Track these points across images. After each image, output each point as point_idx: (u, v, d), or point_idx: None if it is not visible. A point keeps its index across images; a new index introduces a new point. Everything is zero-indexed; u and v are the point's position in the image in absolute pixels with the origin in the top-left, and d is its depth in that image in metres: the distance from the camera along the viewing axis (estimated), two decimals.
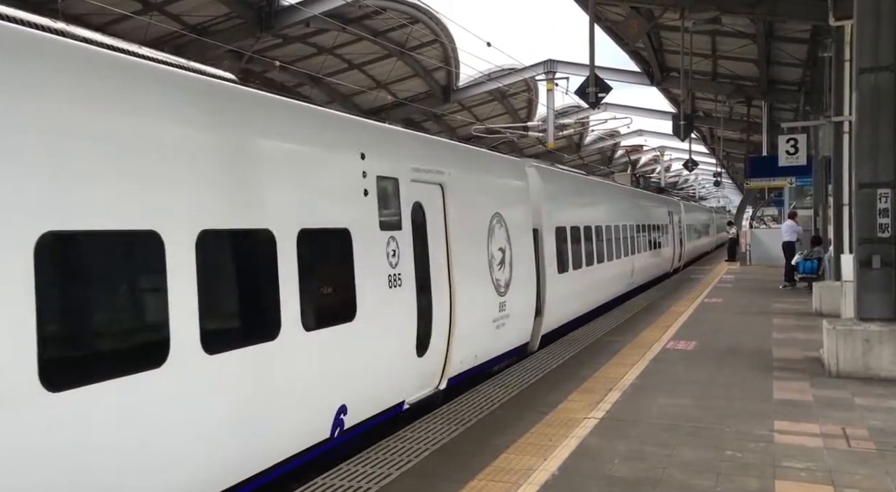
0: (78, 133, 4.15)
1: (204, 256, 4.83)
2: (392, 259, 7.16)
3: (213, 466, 4.94)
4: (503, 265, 10.01)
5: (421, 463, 5.87)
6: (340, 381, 6.40)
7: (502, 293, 9.91)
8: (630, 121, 39.22)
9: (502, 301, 9.92)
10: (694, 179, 74.21)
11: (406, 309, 7.46)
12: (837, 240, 14.25)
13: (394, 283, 7.17)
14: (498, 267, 9.82)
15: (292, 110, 6.43)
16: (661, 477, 5.44)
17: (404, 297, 7.39)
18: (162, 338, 4.53)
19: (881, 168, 8.82)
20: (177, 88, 5.07)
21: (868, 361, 8.57)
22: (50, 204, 3.93)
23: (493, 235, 9.73)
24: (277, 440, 5.60)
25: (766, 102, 27.37)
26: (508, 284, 10.14)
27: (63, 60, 4.25)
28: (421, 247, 7.89)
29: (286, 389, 5.64)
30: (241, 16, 21.14)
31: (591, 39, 14.90)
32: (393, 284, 7.14)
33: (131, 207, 4.41)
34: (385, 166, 7.27)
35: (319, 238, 6.18)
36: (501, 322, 9.89)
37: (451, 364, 8.41)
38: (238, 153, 5.38)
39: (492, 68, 30.98)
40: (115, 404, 4.19)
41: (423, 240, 7.96)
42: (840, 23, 12.72)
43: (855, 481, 5.33)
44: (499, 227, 9.95)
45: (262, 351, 5.40)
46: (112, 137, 4.36)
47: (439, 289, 8.18)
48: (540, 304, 11.63)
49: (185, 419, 4.67)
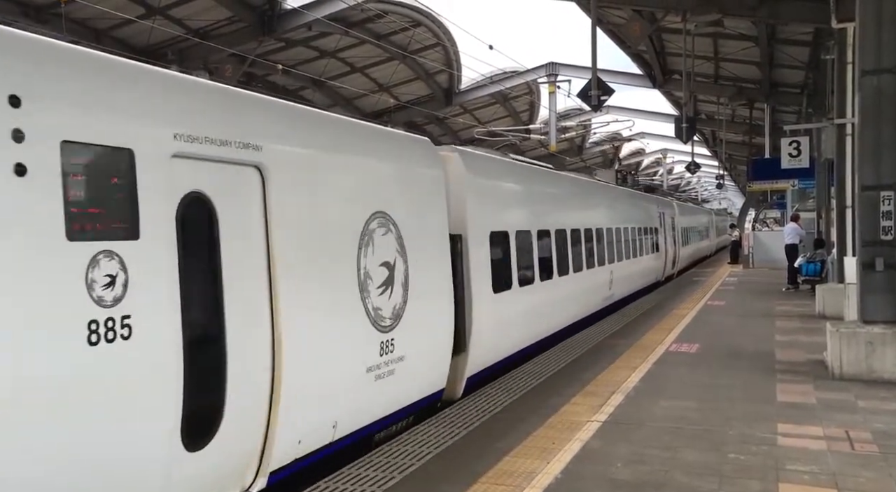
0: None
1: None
2: (104, 292, 4.18)
3: None
4: (389, 287, 7.05)
5: (423, 467, 5.87)
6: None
7: (387, 328, 6.96)
8: (632, 123, 39.28)
9: (387, 339, 6.94)
10: (696, 182, 74.19)
11: (144, 373, 4.42)
12: (840, 242, 14.22)
13: (109, 332, 4.21)
14: (379, 290, 6.86)
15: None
16: (664, 480, 5.44)
17: (140, 354, 4.38)
18: None
19: (884, 170, 8.81)
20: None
21: (871, 363, 8.55)
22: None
23: (369, 244, 6.71)
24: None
25: (768, 105, 27.40)
26: (399, 313, 7.18)
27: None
28: (203, 268, 5.02)
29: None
30: (244, 19, 21.19)
31: (593, 42, 14.92)
32: (107, 336, 4.19)
33: None
34: (93, 125, 4.25)
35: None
36: (387, 369, 6.96)
37: (276, 447, 5.48)
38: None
39: (494, 71, 31.02)
40: None
41: (208, 257, 5.06)
42: (842, 25, 12.72)
43: (859, 484, 5.32)
44: (382, 232, 6.98)
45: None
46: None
47: (244, 333, 5.23)
48: (463, 336, 8.63)
49: None
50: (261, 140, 5.56)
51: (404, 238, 7.38)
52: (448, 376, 8.33)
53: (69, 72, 4.26)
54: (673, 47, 24.14)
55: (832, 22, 12.74)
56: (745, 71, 25.40)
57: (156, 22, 19.90)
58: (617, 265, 17.06)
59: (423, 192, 8.07)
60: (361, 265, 6.63)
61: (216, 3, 20.20)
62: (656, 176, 62.04)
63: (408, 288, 7.39)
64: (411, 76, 29.40)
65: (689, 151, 37.69)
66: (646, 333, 12.43)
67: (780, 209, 36.10)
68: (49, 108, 4.00)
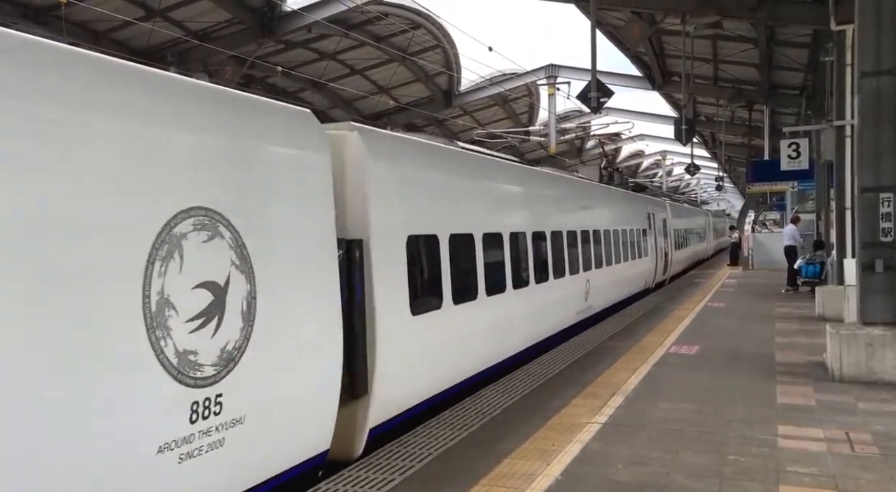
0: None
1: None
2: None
3: None
4: (214, 319, 4.77)
5: (424, 468, 5.86)
6: None
7: (206, 379, 4.67)
8: (632, 125, 39.27)
9: (206, 397, 4.66)
10: (696, 184, 74.26)
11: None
12: (840, 244, 14.23)
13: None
14: (192, 325, 4.60)
15: None
16: (665, 482, 5.43)
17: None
18: None
19: (883, 172, 8.81)
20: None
21: (871, 365, 8.55)
22: None
23: (171, 256, 4.45)
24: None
25: (767, 107, 27.43)
26: (234, 356, 4.91)
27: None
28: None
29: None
30: (244, 21, 21.23)
31: (592, 44, 14.94)
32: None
33: None
34: None
35: None
36: (206, 442, 4.67)
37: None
38: None
39: (493, 73, 31.06)
40: None
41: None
42: (841, 27, 12.74)
43: (859, 485, 5.32)
44: (203, 238, 4.74)
45: None
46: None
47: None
48: (364, 375, 6.60)
49: None
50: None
51: (249, 246, 5.14)
52: (338, 430, 6.14)
53: None
54: (672, 49, 24.18)
55: (831, 24, 12.75)
56: (745, 73, 25.44)
57: (155, 24, 19.93)
58: (595, 273, 15.05)
59: (292, 181, 5.81)
60: (152, 288, 4.32)
61: (216, 6, 20.23)
62: (656, 177, 62.07)
63: (253, 318, 5.12)
64: (411, 78, 29.45)
65: (689, 152, 37.72)
66: (646, 335, 12.43)
67: (780, 211, 36.15)
68: None
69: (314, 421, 5.87)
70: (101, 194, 4.08)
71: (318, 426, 5.93)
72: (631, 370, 9.48)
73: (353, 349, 6.42)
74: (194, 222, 4.68)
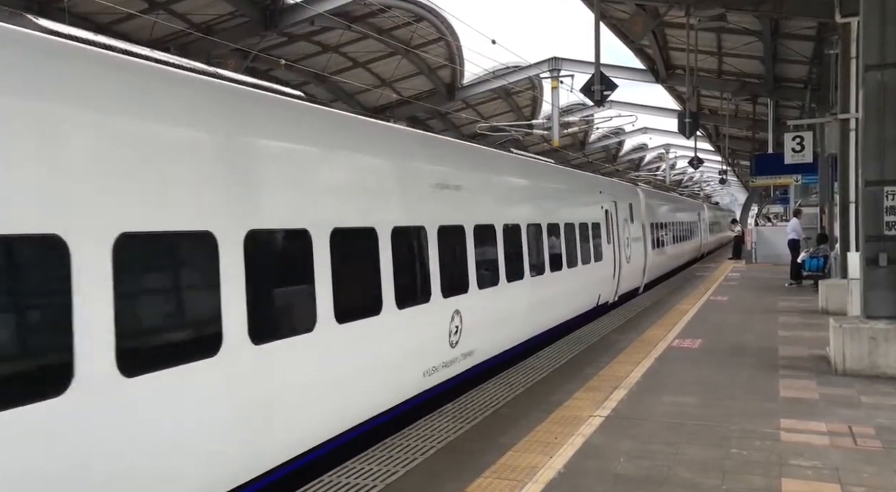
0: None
1: None
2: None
3: None
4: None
5: (426, 461, 5.88)
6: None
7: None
8: (635, 118, 39.14)
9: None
10: (699, 177, 74.13)
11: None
12: (843, 238, 14.21)
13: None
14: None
15: None
16: (667, 475, 5.44)
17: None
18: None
19: (887, 166, 8.79)
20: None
21: (874, 359, 8.55)
22: None
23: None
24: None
25: (771, 100, 27.32)
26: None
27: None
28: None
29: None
30: (246, 14, 21.15)
31: (596, 37, 14.89)
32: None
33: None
34: None
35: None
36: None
37: None
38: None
39: (496, 66, 30.93)
40: None
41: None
42: (846, 20, 12.69)
43: (862, 479, 5.32)
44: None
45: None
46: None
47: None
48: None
49: None
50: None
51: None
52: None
53: None
54: (676, 42, 24.08)
55: (836, 17, 12.70)
56: (749, 66, 25.34)
57: (158, 17, 19.89)
58: (476, 295, 9.37)
59: None
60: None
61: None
62: (659, 171, 61.93)
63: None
64: (414, 71, 29.35)
65: (693, 146, 37.61)
66: (648, 329, 12.44)
67: (783, 204, 36.06)
68: None
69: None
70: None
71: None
72: (633, 364, 9.49)
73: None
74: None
